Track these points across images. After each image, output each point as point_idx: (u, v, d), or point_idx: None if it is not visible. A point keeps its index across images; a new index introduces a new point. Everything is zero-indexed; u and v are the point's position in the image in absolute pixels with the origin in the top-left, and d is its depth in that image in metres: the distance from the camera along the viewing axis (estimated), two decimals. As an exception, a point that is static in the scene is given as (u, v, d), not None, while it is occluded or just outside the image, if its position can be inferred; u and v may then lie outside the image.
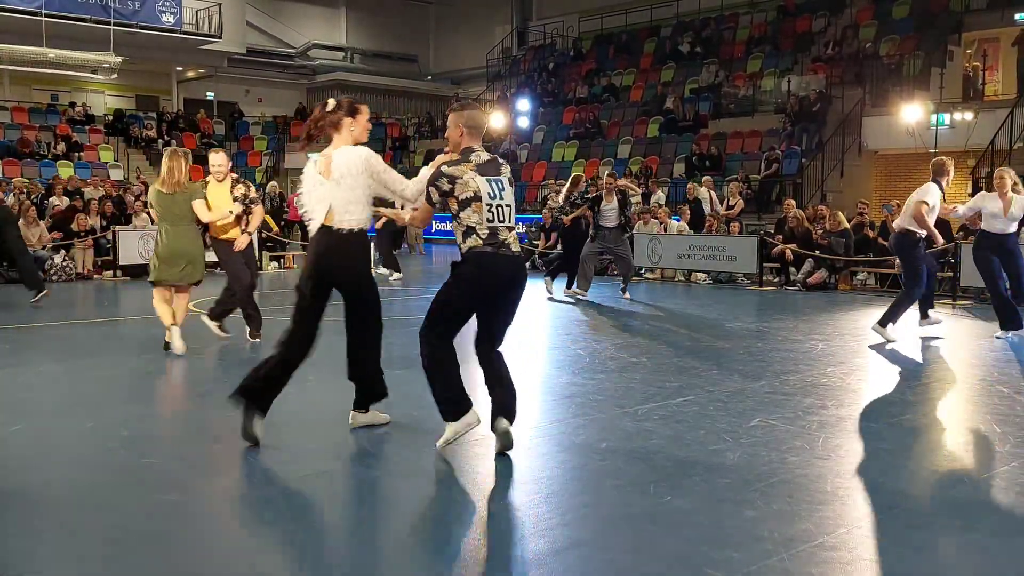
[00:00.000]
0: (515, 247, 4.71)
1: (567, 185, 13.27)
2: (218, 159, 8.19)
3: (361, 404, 5.30)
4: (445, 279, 4.77)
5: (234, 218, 8.02)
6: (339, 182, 4.86)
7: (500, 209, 4.65)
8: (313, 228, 4.94)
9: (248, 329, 8.26)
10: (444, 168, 4.67)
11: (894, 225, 9.04)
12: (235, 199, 7.99)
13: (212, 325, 8.28)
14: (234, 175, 8.27)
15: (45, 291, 11.35)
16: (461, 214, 4.61)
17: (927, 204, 8.36)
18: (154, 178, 9.59)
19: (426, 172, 4.90)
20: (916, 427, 5.50)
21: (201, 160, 26.58)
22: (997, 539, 3.62)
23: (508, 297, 4.75)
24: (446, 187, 4.62)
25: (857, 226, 14.23)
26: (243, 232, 8.13)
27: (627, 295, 12.42)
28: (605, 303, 12.05)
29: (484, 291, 4.68)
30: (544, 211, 18.13)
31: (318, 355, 7.91)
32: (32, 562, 3.41)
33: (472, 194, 4.60)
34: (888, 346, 8.35)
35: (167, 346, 7.65)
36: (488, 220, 4.61)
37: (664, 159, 21.85)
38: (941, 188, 8.57)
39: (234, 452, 4.93)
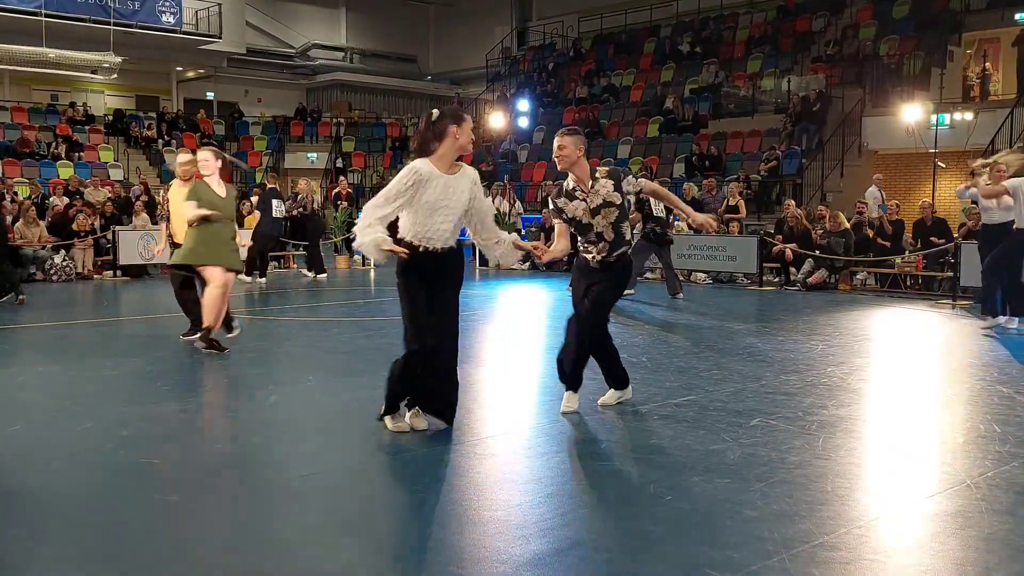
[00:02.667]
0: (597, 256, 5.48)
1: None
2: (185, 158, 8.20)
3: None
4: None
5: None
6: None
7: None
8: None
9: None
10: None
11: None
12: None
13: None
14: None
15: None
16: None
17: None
18: (154, 178, 9.54)
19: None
20: (916, 427, 5.50)
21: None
22: (996, 540, 3.62)
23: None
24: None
25: (856, 225, 14.25)
26: None
27: None
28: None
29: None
30: (544, 211, 18.13)
31: (318, 357, 7.93)
32: (32, 562, 3.41)
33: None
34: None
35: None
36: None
37: (664, 159, 21.83)
38: None
39: (233, 452, 4.93)
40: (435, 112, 5.00)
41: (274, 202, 14.52)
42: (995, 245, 9.13)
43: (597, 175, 5.49)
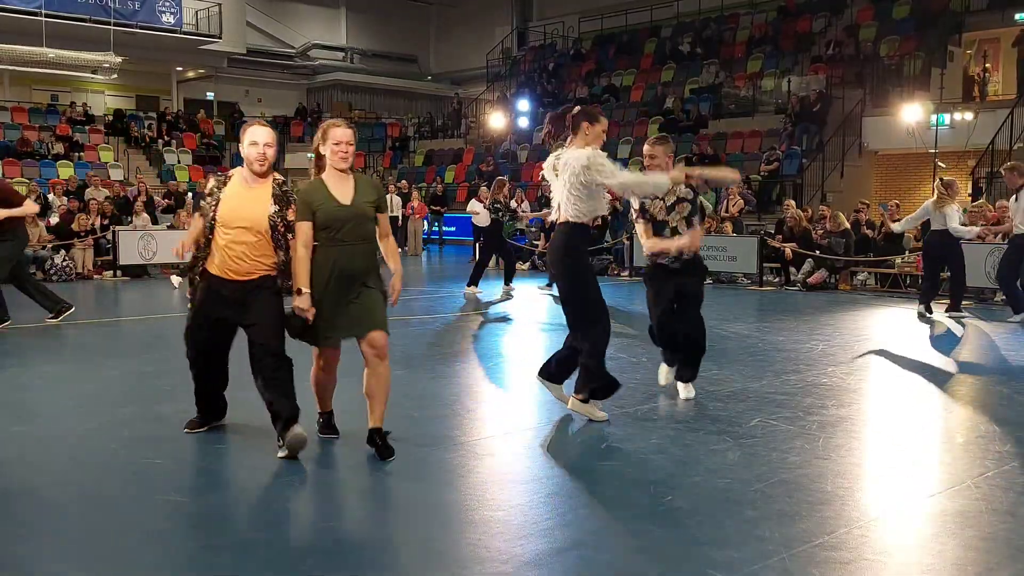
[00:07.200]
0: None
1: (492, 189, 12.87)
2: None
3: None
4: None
5: None
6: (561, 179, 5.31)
7: None
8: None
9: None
10: None
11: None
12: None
13: None
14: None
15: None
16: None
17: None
18: (154, 178, 8.80)
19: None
20: (916, 427, 5.50)
21: (200, 161, 26.57)
22: (996, 540, 3.63)
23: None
24: None
25: (855, 225, 14.26)
26: None
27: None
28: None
29: None
30: (544, 211, 18.11)
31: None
32: (33, 562, 3.41)
33: None
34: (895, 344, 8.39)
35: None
36: None
37: (664, 159, 21.83)
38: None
39: (234, 453, 4.93)
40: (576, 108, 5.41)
41: None
42: None
43: None
